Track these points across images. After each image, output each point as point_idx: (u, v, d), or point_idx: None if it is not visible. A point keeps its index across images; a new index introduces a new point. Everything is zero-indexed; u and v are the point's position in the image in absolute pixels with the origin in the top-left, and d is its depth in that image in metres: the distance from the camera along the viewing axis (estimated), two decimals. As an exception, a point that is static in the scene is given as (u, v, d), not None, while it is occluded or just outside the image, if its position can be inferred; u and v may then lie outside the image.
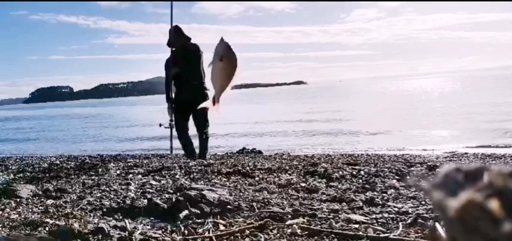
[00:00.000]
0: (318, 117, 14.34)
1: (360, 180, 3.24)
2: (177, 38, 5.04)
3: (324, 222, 2.18)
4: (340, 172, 3.52)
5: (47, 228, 2.18)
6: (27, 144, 12.29)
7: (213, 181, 3.38)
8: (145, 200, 2.75)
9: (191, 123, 5.16)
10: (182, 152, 5.41)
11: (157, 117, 5.03)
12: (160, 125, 5.15)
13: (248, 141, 8.69)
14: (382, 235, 1.95)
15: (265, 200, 2.64)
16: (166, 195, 2.90)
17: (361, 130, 9.84)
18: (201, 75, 5.04)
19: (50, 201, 2.94)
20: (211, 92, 2.45)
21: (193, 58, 5.01)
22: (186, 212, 2.35)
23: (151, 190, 3.10)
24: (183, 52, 5.04)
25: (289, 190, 2.96)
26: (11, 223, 2.34)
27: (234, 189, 3.04)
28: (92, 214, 2.52)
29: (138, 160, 5.24)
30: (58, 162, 5.50)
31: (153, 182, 3.41)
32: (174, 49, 5.11)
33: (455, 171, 0.42)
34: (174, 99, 5.12)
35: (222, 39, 1.97)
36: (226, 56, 1.96)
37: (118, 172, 4.17)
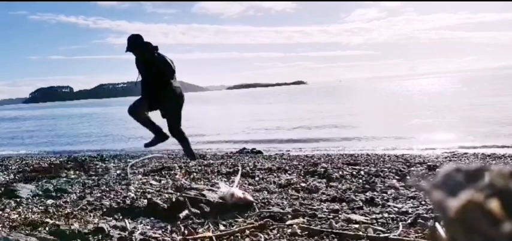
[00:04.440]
0: (318, 117, 14.34)
1: (360, 180, 3.24)
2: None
3: (324, 222, 2.18)
4: (340, 172, 3.52)
5: (47, 228, 2.18)
6: (27, 144, 12.29)
7: (212, 181, 3.38)
8: (145, 200, 2.75)
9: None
10: (182, 152, 5.42)
11: (157, 117, 4.97)
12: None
13: (248, 141, 8.69)
14: (382, 235, 1.95)
15: (265, 200, 2.64)
16: (166, 195, 2.90)
17: (361, 130, 9.84)
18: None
19: (50, 201, 2.94)
20: None
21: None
22: (186, 212, 2.35)
23: (151, 190, 3.10)
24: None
25: (289, 190, 2.96)
26: (11, 223, 2.34)
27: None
28: (92, 214, 2.52)
29: (138, 160, 5.24)
30: (58, 162, 5.50)
31: (153, 182, 3.41)
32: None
33: (455, 171, 0.42)
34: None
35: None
36: None
37: (118, 172, 4.18)
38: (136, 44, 4.99)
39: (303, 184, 3.12)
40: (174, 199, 2.56)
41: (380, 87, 57.52)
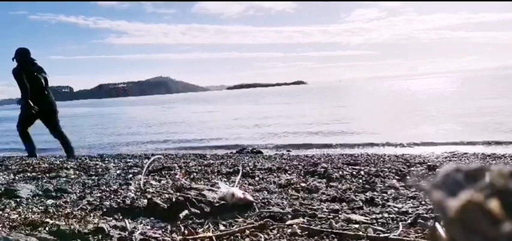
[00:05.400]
0: (318, 117, 14.34)
1: (360, 180, 3.24)
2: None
3: (324, 222, 2.18)
4: (340, 172, 3.52)
5: (47, 228, 2.18)
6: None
7: (212, 181, 3.38)
8: (145, 200, 2.75)
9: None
10: (182, 152, 5.42)
11: (157, 117, 4.97)
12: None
13: (248, 141, 8.69)
14: (382, 235, 1.94)
15: (265, 200, 2.64)
16: (166, 195, 2.90)
17: (361, 130, 9.84)
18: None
19: (50, 201, 2.94)
20: None
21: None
22: (186, 212, 2.35)
23: (151, 190, 3.10)
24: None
25: (289, 190, 2.96)
26: (11, 223, 2.34)
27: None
28: (92, 214, 2.52)
29: (138, 160, 5.24)
30: (58, 162, 5.50)
31: (153, 182, 3.41)
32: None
33: (455, 171, 0.42)
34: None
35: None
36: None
37: (118, 172, 4.17)
38: (24, 56, 5.92)
39: (303, 184, 3.12)
40: (174, 199, 2.56)
41: (380, 87, 57.54)
